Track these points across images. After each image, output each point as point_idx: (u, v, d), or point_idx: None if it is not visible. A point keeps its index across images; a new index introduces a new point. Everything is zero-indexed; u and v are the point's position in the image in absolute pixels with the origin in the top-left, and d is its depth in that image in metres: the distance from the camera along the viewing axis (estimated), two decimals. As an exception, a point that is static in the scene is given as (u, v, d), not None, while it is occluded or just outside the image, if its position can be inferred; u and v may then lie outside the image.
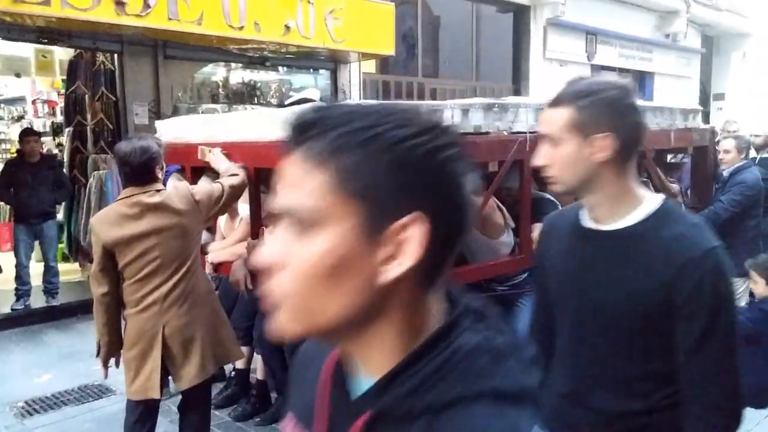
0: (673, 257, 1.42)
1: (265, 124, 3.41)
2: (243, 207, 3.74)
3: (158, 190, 3.04)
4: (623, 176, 1.51)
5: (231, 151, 3.50)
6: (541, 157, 1.56)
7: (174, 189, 3.18)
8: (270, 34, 6.84)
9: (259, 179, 3.57)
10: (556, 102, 1.54)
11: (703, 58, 16.90)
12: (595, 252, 1.56)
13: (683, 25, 14.80)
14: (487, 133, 3.35)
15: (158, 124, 4.47)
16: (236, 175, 3.33)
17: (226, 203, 3.27)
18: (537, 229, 2.93)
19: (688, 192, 5.42)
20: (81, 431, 4.24)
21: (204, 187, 3.32)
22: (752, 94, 16.10)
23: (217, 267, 3.75)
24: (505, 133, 3.41)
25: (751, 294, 4.89)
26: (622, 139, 1.47)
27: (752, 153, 5.86)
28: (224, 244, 3.95)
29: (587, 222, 1.58)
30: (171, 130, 4.20)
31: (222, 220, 4.09)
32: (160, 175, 3.10)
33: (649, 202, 1.53)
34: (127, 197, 3.01)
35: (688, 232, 1.45)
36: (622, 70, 14.20)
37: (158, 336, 3.02)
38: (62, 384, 4.95)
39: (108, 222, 3.00)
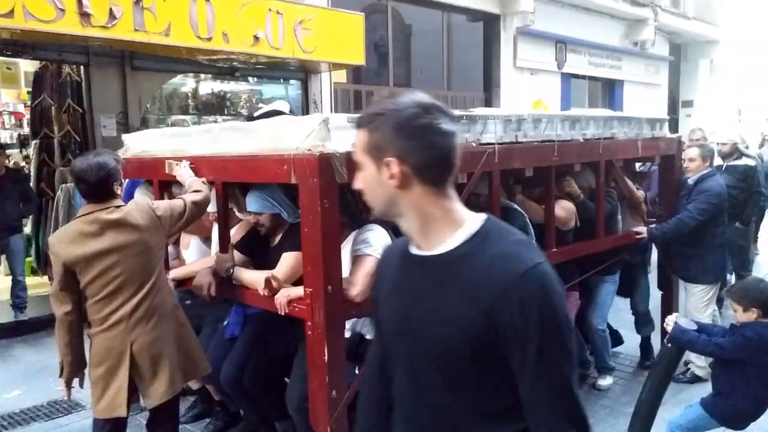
0: (494, 280, 1.29)
1: (233, 138, 3.38)
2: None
3: (117, 207, 2.99)
4: (435, 199, 1.36)
5: (199, 165, 3.47)
6: (356, 181, 1.43)
7: (134, 204, 3.12)
8: (239, 44, 6.79)
9: (227, 194, 3.53)
10: (357, 123, 1.41)
11: (671, 66, 17.20)
12: (419, 281, 1.41)
13: (651, 33, 15.07)
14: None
15: (125, 137, 4.41)
16: (199, 191, 3.30)
17: (188, 220, 3.23)
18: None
19: (657, 199, 5.50)
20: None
21: (166, 202, 3.28)
22: (720, 101, 16.40)
23: (181, 282, 3.72)
24: (474, 144, 3.40)
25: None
26: (412, 163, 1.32)
27: (718, 161, 5.96)
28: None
29: (413, 249, 1.44)
30: (139, 144, 4.15)
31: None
32: (118, 191, 3.06)
33: (471, 223, 1.38)
34: (85, 215, 2.96)
35: (509, 251, 1.32)
36: (591, 78, 14.41)
37: (126, 353, 2.98)
38: (31, 400, 4.87)
39: (67, 240, 2.94)
